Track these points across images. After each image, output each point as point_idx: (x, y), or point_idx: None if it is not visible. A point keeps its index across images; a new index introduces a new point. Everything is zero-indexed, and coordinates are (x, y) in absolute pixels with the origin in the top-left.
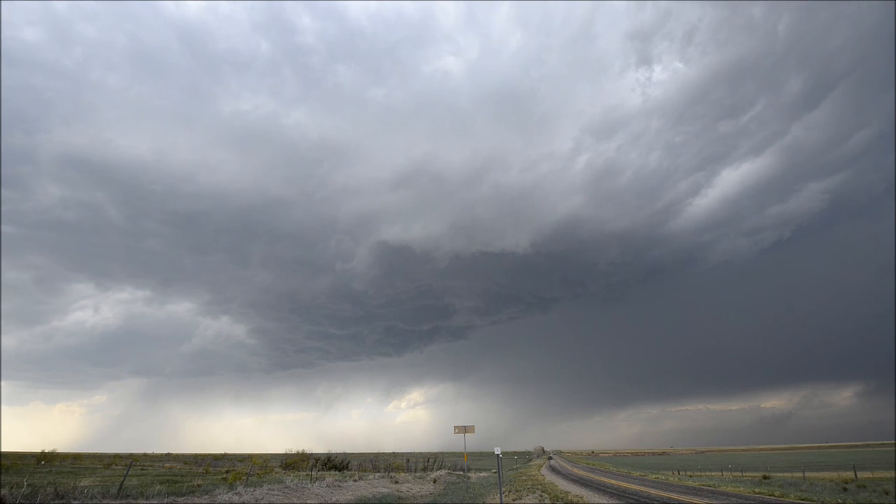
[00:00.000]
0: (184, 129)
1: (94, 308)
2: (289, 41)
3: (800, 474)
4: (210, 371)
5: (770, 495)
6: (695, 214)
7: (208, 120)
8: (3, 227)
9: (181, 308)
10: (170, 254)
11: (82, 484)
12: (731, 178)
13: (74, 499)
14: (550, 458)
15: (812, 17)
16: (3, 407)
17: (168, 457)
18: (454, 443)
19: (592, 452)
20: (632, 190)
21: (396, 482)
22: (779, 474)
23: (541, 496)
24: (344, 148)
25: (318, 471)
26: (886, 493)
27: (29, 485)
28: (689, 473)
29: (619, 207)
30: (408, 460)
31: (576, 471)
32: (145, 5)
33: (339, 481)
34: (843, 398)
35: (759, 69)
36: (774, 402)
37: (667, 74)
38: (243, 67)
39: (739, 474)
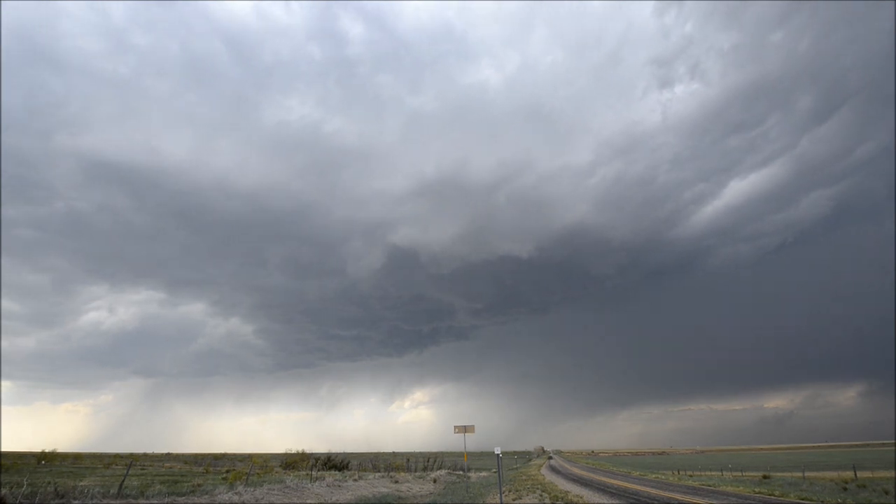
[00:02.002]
0: (224, 135)
1: (108, 309)
2: (339, 52)
3: (800, 474)
4: (218, 371)
5: (770, 495)
6: (702, 220)
7: (250, 126)
8: (28, 231)
9: (193, 309)
10: (189, 256)
11: (82, 484)
12: (739, 187)
13: (74, 499)
14: (550, 458)
15: (826, 41)
16: (10, 407)
17: (168, 457)
18: (457, 443)
19: (592, 452)
20: (640, 198)
21: (396, 482)
22: (779, 474)
23: (541, 496)
24: (376, 154)
25: (318, 471)
26: (886, 493)
27: (29, 484)
28: (688, 473)
29: (629, 214)
30: (408, 460)
31: (576, 470)
32: (202, 14)
33: (339, 481)
34: (846, 398)
35: (774, 89)
36: (778, 402)
37: (687, 94)
38: (292, 75)
39: (739, 474)
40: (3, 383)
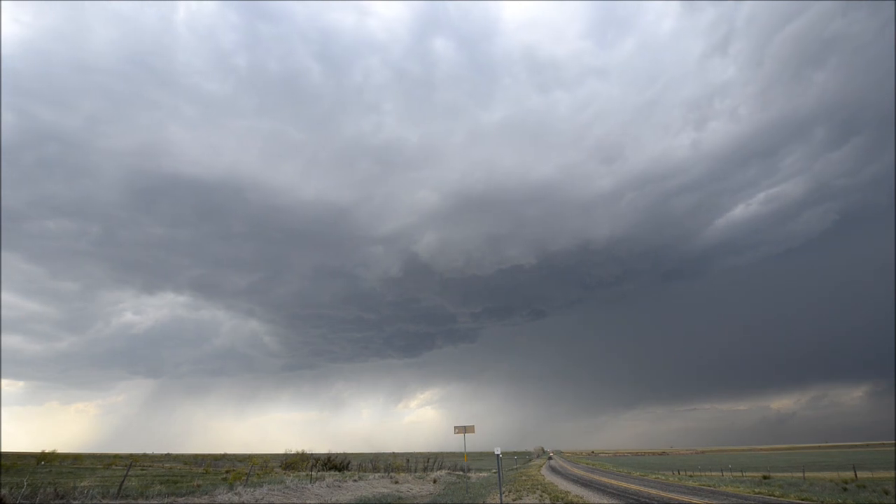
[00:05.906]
0: (297, 151)
1: (133, 312)
2: (427, 72)
3: (800, 474)
4: (228, 372)
5: (770, 495)
6: (714, 230)
7: (324, 142)
8: (79, 244)
9: (210, 313)
10: (210, 262)
11: (82, 484)
12: (748, 202)
13: (74, 499)
14: (550, 458)
15: (849, 83)
16: (21, 407)
17: (168, 457)
18: (458, 443)
19: (592, 452)
20: (654, 208)
21: (396, 482)
22: (779, 474)
23: (541, 496)
24: (426, 164)
25: (318, 471)
26: (886, 493)
27: (29, 485)
28: (689, 473)
29: (638, 220)
30: (408, 460)
31: (576, 471)
32: (301, 32)
33: (339, 481)
34: (852, 398)
35: (797, 124)
36: (784, 403)
37: (720, 125)
38: (379, 94)
39: (740, 474)
40: (18, 383)
